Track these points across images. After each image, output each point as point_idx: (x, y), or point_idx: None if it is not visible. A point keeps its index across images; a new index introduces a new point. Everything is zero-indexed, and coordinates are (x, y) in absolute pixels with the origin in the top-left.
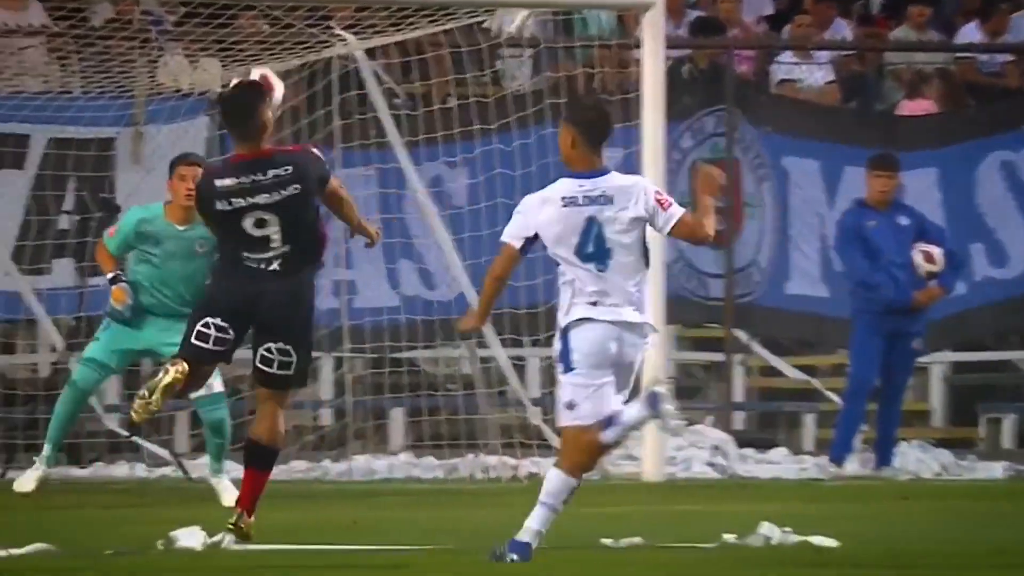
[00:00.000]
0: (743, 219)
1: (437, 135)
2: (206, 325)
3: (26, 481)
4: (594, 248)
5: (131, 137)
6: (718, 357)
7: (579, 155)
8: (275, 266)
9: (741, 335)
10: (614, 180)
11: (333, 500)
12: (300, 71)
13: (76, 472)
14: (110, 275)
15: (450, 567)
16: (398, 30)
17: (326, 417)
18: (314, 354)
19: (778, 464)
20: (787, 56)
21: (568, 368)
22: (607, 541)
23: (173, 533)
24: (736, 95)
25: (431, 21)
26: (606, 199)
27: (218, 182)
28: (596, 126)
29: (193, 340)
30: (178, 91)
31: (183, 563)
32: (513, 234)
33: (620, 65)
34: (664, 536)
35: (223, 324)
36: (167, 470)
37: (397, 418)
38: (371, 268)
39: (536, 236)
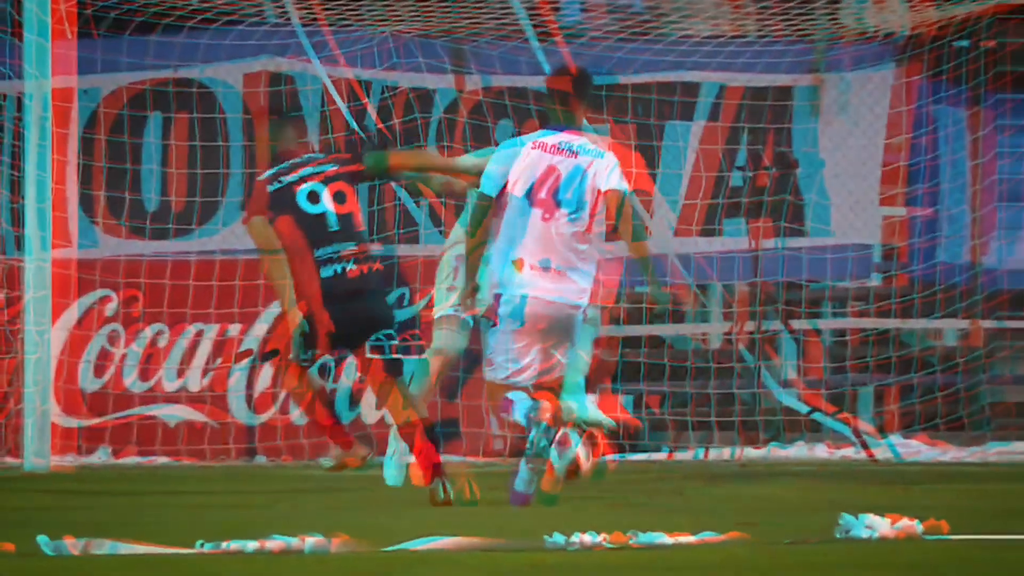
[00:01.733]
0: None
1: None
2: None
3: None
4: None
5: (811, 85)
6: None
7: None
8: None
9: None
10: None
11: None
12: None
13: (752, 452)
14: None
15: None
16: None
17: None
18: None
19: None
20: None
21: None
22: None
23: (847, 521)
24: None
25: None
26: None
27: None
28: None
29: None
30: (862, 35)
31: (853, 556)
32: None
33: None
34: None
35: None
36: (849, 451)
37: None
38: None
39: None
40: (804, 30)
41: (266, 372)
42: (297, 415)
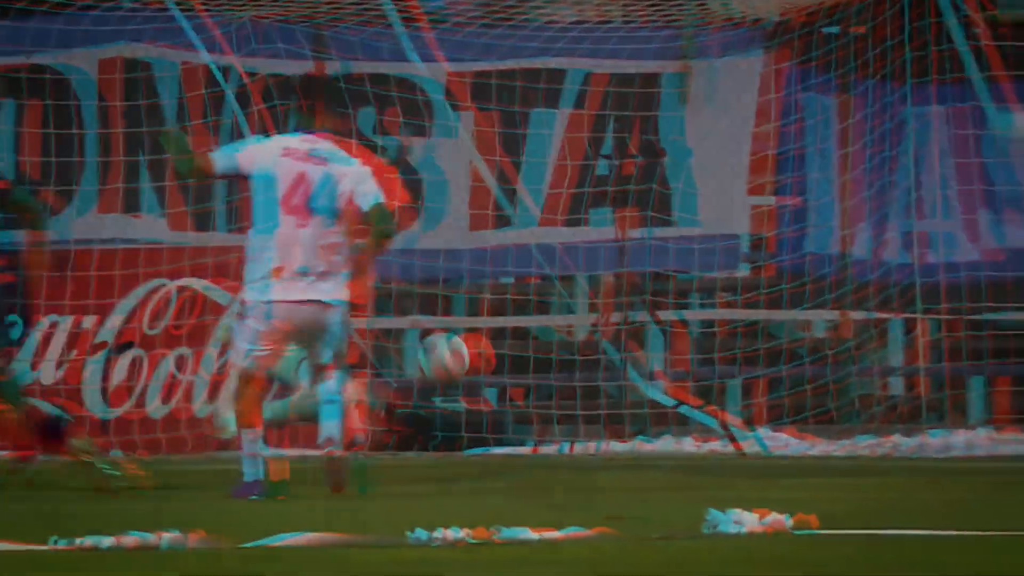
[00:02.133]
0: None
1: None
2: None
3: None
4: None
5: (678, 73)
6: None
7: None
8: None
9: None
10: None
11: (903, 478)
12: None
13: (618, 446)
14: None
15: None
16: None
17: (896, 386)
18: (884, 315)
19: None
20: None
21: None
22: None
23: (714, 516)
24: None
25: None
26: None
27: None
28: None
29: None
30: (730, 21)
31: (721, 551)
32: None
33: None
34: None
35: None
36: (717, 444)
37: (976, 388)
38: (948, 220)
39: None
40: (671, 16)
41: (121, 365)
42: (152, 408)
